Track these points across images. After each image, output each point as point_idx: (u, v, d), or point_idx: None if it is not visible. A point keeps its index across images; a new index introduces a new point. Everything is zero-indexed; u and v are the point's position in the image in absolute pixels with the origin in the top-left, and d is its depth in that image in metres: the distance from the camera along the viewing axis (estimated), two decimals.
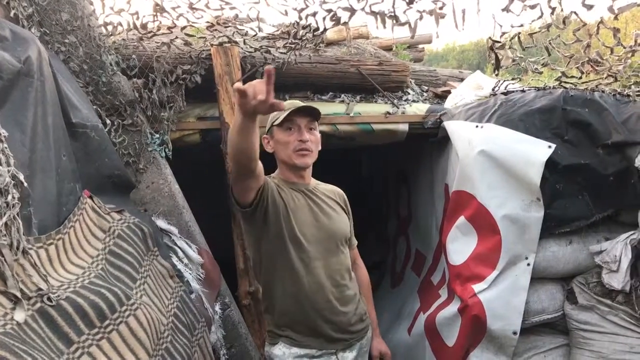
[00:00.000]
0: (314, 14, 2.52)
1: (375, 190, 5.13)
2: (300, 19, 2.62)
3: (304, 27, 2.76)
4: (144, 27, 2.65)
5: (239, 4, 2.69)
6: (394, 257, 4.32)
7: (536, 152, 2.31)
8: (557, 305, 2.41)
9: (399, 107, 3.17)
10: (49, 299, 1.30)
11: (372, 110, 3.15)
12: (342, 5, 2.36)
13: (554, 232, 2.38)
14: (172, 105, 2.65)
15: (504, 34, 2.60)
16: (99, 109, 2.32)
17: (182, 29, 2.79)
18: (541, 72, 2.90)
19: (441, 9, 2.28)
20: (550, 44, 2.62)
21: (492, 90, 2.93)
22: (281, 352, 1.85)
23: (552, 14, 2.41)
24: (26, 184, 1.38)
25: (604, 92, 2.52)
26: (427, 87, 3.68)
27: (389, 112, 3.13)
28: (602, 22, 2.50)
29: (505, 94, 2.76)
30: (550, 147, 2.31)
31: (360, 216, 2.54)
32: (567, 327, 2.42)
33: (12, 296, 1.21)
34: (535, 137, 2.36)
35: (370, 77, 3.21)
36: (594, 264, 2.36)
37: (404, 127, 3.16)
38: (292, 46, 2.90)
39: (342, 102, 3.15)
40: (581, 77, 2.76)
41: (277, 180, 1.91)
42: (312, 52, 3.14)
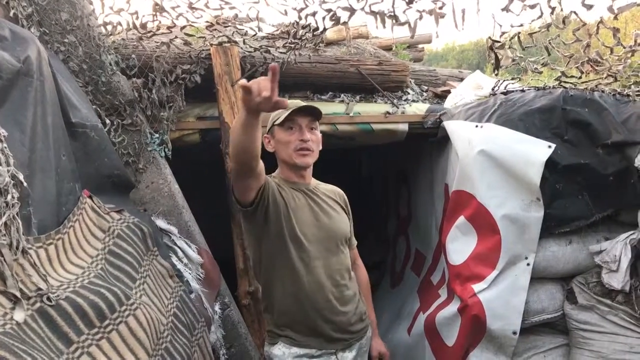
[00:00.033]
0: (314, 14, 2.52)
1: (375, 190, 5.13)
2: (299, 18, 2.62)
3: (304, 27, 2.76)
4: (144, 26, 2.64)
5: (238, 4, 2.69)
6: (393, 257, 4.32)
7: (536, 151, 2.31)
8: (557, 305, 2.41)
9: (398, 107, 3.17)
10: (49, 299, 1.30)
11: (372, 110, 3.15)
12: (342, 5, 2.36)
13: (554, 232, 2.38)
14: (171, 105, 2.65)
15: (503, 33, 2.60)
16: (99, 109, 2.31)
17: (182, 28, 2.79)
18: (541, 72, 2.90)
19: (441, 8, 2.27)
20: (550, 43, 2.62)
21: (492, 90, 2.93)
22: (281, 352, 1.85)
23: (552, 13, 2.41)
24: (26, 184, 1.38)
25: (603, 92, 2.52)
26: (426, 87, 3.68)
27: (388, 112, 3.13)
28: (601, 21, 2.50)
29: (505, 93, 2.76)
30: (550, 146, 2.31)
31: (359, 216, 2.54)
32: (567, 327, 2.42)
33: (11, 296, 1.21)
34: (535, 137, 2.36)
35: (369, 76, 3.21)
36: (593, 263, 2.36)
37: (404, 127, 3.16)
38: (292, 46, 2.90)
39: (342, 101, 3.15)
40: (581, 77, 2.76)
41: (278, 179, 1.91)
42: (312, 51, 3.14)
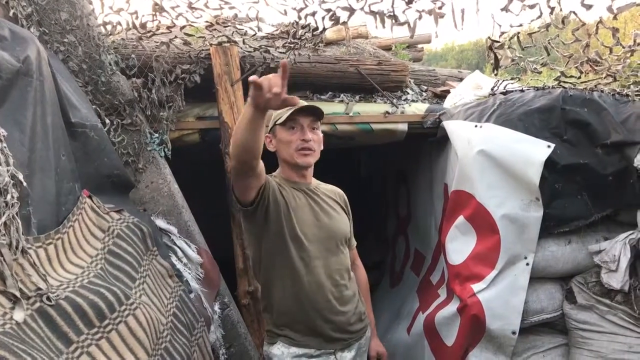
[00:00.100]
0: (313, 14, 2.52)
1: (374, 190, 5.13)
2: (299, 18, 2.62)
3: (303, 27, 2.76)
4: (143, 26, 2.64)
5: (238, 4, 2.70)
6: (393, 257, 4.32)
7: (535, 151, 2.31)
8: (556, 305, 2.42)
9: (398, 107, 3.17)
10: (48, 299, 1.30)
11: (372, 110, 3.15)
12: (341, 4, 2.36)
13: (553, 232, 2.38)
14: (171, 104, 2.65)
15: (503, 33, 2.60)
16: (98, 109, 2.31)
17: (182, 28, 2.79)
18: (540, 72, 2.91)
19: (440, 8, 2.28)
20: (549, 43, 2.62)
21: (491, 90, 2.94)
22: (280, 351, 1.85)
23: (551, 13, 2.42)
24: (25, 184, 1.38)
25: (603, 91, 2.53)
26: (426, 87, 3.68)
27: (388, 112, 3.13)
28: (601, 21, 2.51)
29: (504, 93, 2.76)
30: (549, 146, 2.31)
31: (359, 216, 2.54)
32: (566, 326, 2.42)
33: (11, 296, 1.21)
34: (534, 137, 2.36)
35: (369, 76, 3.22)
36: (593, 263, 2.36)
37: (403, 127, 3.16)
38: (292, 46, 2.90)
39: (342, 101, 3.15)
40: (580, 77, 2.76)
41: (279, 179, 1.91)
42: (312, 51, 3.14)
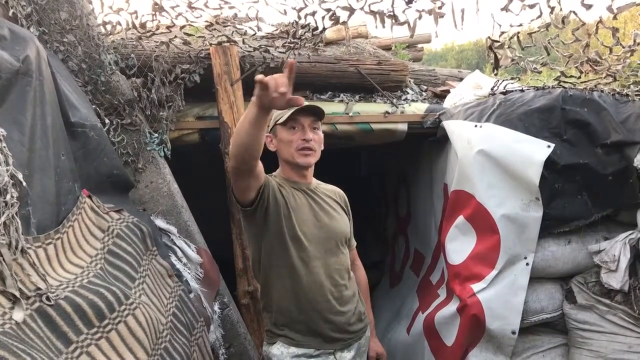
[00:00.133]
0: (313, 14, 2.52)
1: (374, 189, 5.13)
2: (299, 18, 2.62)
3: (303, 27, 2.76)
4: (143, 26, 2.64)
5: (237, 4, 2.70)
6: (392, 257, 4.32)
7: (535, 151, 2.31)
8: (556, 304, 2.42)
9: (398, 107, 3.17)
10: (48, 299, 1.30)
11: (371, 109, 3.15)
12: (341, 4, 2.36)
13: (553, 232, 2.38)
14: (171, 104, 2.65)
15: (503, 33, 2.60)
16: (98, 108, 2.31)
17: (181, 28, 2.79)
18: (540, 72, 2.91)
19: (440, 8, 2.28)
20: (549, 43, 2.62)
21: (491, 89, 2.93)
22: (279, 351, 1.85)
23: (551, 13, 2.42)
24: (25, 184, 1.38)
25: (602, 91, 2.53)
26: (426, 87, 3.68)
27: (388, 112, 3.13)
28: (601, 21, 2.51)
29: (504, 93, 2.76)
30: (549, 146, 2.31)
31: (359, 216, 2.54)
32: (566, 326, 2.42)
33: (10, 296, 1.21)
34: (534, 137, 2.36)
35: (369, 76, 3.21)
36: (592, 263, 2.36)
37: (403, 127, 3.16)
38: (291, 45, 2.89)
39: (341, 101, 3.15)
40: (580, 77, 2.76)
41: (279, 179, 1.91)
42: (311, 51, 3.14)
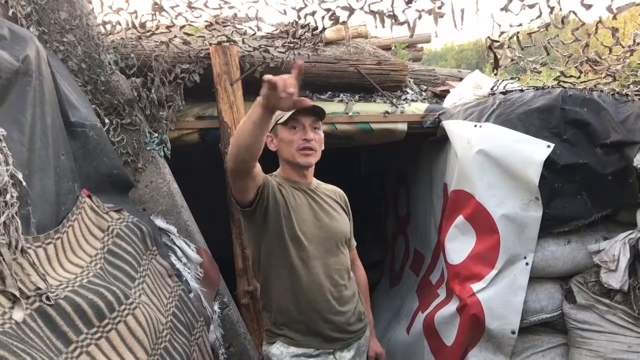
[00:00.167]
0: (313, 13, 2.52)
1: (374, 189, 5.13)
2: (299, 18, 2.62)
3: (303, 27, 2.76)
4: (143, 26, 2.64)
5: (237, 3, 2.70)
6: (392, 257, 4.32)
7: (535, 151, 2.31)
8: (556, 304, 2.42)
9: (397, 107, 3.17)
10: (48, 298, 1.30)
11: (371, 109, 3.15)
12: (341, 4, 2.36)
13: (553, 232, 2.38)
14: (170, 104, 2.65)
15: (502, 33, 2.60)
16: (98, 108, 2.31)
17: (181, 28, 2.79)
18: (540, 72, 2.90)
19: (440, 8, 2.28)
20: (549, 43, 2.62)
21: (491, 89, 2.94)
22: (279, 351, 1.85)
23: (551, 13, 2.42)
24: (25, 183, 1.38)
25: (602, 91, 2.53)
26: (425, 87, 3.68)
27: (387, 112, 3.13)
28: (600, 21, 2.50)
29: (504, 93, 2.76)
30: (548, 146, 2.31)
31: (359, 216, 2.54)
32: (566, 326, 2.42)
33: (10, 295, 1.21)
34: (533, 137, 2.36)
35: (369, 76, 3.21)
36: (592, 263, 2.36)
37: (403, 127, 3.16)
38: (291, 45, 2.89)
39: (341, 101, 3.15)
40: (580, 77, 2.76)
41: (279, 178, 1.91)
42: (311, 51, 3.14)
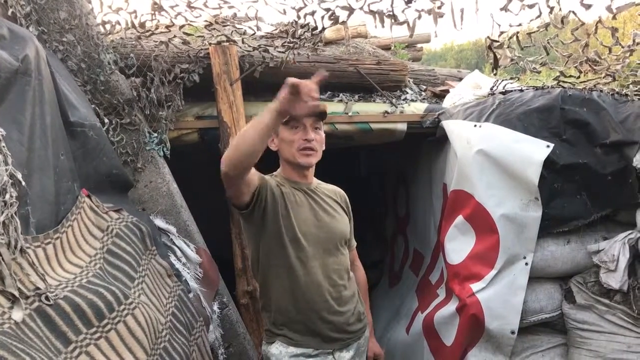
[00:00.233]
0: (313, 13, 2.52)
1: (373, 189, 5.13)
2: (298, 18, 2.62)
3: (303, 26, 2.76)
4: (142, 25, 2.64)
5: (237, 3, 2.69)
6: (392, 257, 4.32)
7: (534, 151, 2.31)
8: (555, 304, 2.42)
9: (397, 107, 3.17)
10: (47, 298, 1.30)
11: (371, 109, 3.15)
12: (341, 4, 2.36)
13: (552, 232, 2.38)
14: (170, 104, 2.65)
15: (502, 33, 2.60)
16: (97, 108, 2.31)
17: (181, 27, 2.79)
18: (539, 72, 2.90)
19: (440, 8, 2.28)
20: (548, 43, 2.62)
21: (491, 89, 2.94)
22: (278, 351, 1.85)
23: (551, 13, 2.42)
24: (24, 183, 1.37)
25: (602, 91, 2.53)
26: (425, 87, 3.68)
27: (387, 112, 3.13)
28: (600, 21, 2.50)
29: (503, 93, 2.77)
30: (548, 146, 2.32)
31: (359, 216, 2.54)
32: (565, 326, 2.42)
33: (9, 295, 1.21)
34: (533, 137, 2.36)
35: (368, 76, 3.21)
36: (592, 263, 2.36)
37: (402, 127, 3.16)
38: (291, 45, 2.89)
39: (341, 101, 3.15)
40: (579, 77, 2.76)
41: (279, 178, 1.91)
42: (311, 51, 3.14)
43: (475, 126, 2.54)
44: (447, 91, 3.42)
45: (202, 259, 2.40)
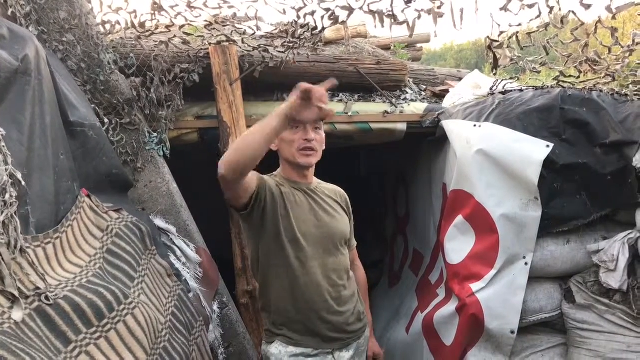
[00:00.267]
0: (312, 13, 2.52)
1: (373, 189, 5.13)
2: (298, 17, 2.62)
3: (302, 26, 2.76)
4: (142, 25, 2.64)
5: (237, 3, 2.70)
6: (391, 257, 4.32)
7: (534, 151, 2.31)
8: (555, 304, 2.42)
9: (397, 106, 3.17)
10: (47, 298, 1.30)
11: (370, 109, 3.15)
12: (341, 4, 2.36)
13: (552, 231, 2.38)
14: (170, 104, 2.65)
15: (502, 33, 2.60)
16: (97, 108, 2.31)
17: (180, 27, 2.79)
18: (539, 72, 2.90)
19: (439, 8, 2.28)
20: (548, 43, 2.62)
21: (490, 89, 2.94)
22: (277, 350, 1.85)
23: (550, 13, 2.42)
24: (24, 183, 1.37)
25: (601, 91, 2.53)
26: (425, 87, 3.68)
27: (387, 111, 3.13)
28: (600, 21, 2.51)
29: (503, 93, 2.77)
30: (548, 146, 2.32)
31: (359, 215, 2.54)
32: (565, 326, 2.42)
33: (9, 295, 1.21)
34: (533, 137, 2.36)
35: (368, 76, 3.21)
36: (591, 263, 2.36)
37: (402, 126, 3.16)
38: (291, 45, 2.89)
39: (341, 101, 3.15)
40: (579, 77, 2.76)
41: (279, 178, 1.90)
42: (311, 51, 3.14)
43: (475, 126, 2.54)
44: (446, 91, 3.42)
45: (202, 259, 2.40)
